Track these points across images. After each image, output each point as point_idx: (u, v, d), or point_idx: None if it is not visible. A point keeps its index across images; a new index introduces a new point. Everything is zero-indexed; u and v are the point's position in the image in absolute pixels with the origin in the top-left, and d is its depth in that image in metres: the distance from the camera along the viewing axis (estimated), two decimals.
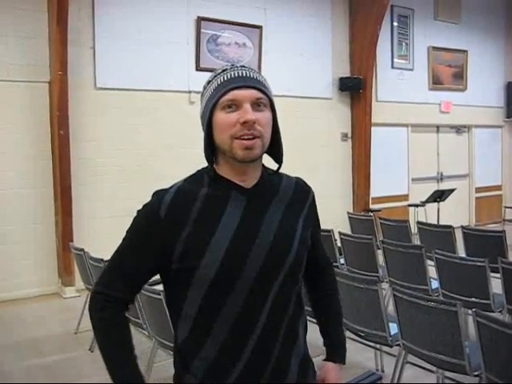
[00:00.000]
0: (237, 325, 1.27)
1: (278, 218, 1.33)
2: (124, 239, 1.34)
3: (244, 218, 1.29)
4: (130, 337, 1.34)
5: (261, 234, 1.29)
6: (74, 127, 6.08)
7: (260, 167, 1.37)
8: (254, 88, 1.28)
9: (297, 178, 1.47)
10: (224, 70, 1.32)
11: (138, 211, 1.34)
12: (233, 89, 1.27)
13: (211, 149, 1.32)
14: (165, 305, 1.43)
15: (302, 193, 1.44)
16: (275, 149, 1.36)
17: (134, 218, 1.34)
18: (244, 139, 1.26)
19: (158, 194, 1.32)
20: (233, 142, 1.26)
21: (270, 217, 1.32)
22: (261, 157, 1.33)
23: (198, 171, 1.37)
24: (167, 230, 1.27)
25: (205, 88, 1.35)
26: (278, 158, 1.39)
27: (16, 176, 5.92)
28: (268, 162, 1.40)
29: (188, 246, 1.26)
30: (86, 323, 4.69)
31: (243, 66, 1.33)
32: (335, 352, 1.52)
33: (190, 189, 1.32)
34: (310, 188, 1.48)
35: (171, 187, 1.33)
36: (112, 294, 1.31)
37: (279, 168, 1.41)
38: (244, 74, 1.29)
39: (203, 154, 1.33)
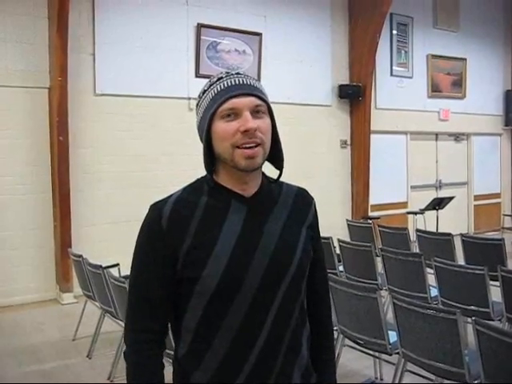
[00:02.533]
0: (238, 336, 1.24)
1: (279, 227, 1.31)
2: (133, 265, 1.30)
3: (245, 227, 1.27)
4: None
5: (262, 243, 1.27)
6: (74, 133, 6.08)
7: (260, 175, 1.34)
8: (252, 95, 1.25)
9: (298, 188, 1.44)
10: (219, 79, 1.29)
11: (139, 231, 1.31)
12: (231, 97, 1.24)
13: (211, 159, 1.29)
14: None
15: (303, 202, 1.41)
16: (275, 155, 1.34)
17: (137, 238, 1.31)
18: (245, 148, 1.23)
19: (157, 206, 1.29)
20: (234, 151, 1.23)
21: (271, 226, 1.30)
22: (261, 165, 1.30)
23: (198, 180, 1.34)
24: (169, 240, 1.25)
25: (200, 97, 1.32)
26: (279, 165, 1.36)
27: (15, 181, 5.91)
28: (267, 169, 1.38)
29: (189, 257, 1.24)
30: (84, 330, 4.73)
31: (238, 73, 1.29)
32: None
33: (190, 199, 1.29)
34: (312, 198, 1.44)
35: (169, 197, 1.31)
36: (143, 333, 1.28)
37: (280, 175, 1.38)
38: (241, 82, 1.27)
39: (202, 161, 1.30)
